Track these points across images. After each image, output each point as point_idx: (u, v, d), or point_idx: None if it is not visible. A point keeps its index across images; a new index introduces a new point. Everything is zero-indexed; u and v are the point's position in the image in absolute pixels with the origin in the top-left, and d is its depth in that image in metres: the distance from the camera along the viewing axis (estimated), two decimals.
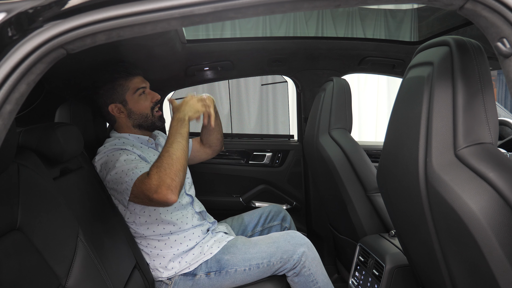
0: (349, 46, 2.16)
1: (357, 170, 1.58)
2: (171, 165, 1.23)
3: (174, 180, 1.22)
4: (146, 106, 1.54)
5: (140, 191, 1.27)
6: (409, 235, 1.01)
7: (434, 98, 0.76)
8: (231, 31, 2.37)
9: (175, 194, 1.22)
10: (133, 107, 1.53)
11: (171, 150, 1.26)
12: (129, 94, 1.52)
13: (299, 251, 1.45)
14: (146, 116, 1.54)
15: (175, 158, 1.25)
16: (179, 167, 1.24)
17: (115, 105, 1.53)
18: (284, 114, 4.08)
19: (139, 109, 1.53)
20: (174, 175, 1.22)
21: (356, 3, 0.64)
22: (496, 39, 0.62)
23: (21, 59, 0.61)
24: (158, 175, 1.22)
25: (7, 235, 0.86)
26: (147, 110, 1.54)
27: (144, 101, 1.53)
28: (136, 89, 1.52)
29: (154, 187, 1.22)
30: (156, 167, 1.24)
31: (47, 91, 1.71)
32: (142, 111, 1.53)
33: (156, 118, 1.56)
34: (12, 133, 0.85)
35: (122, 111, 1.53)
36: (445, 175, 0.73)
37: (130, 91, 1.51)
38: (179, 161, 1.25)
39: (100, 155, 1.44)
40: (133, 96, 1.52)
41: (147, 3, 0.61)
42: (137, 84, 1.53)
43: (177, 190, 1.23)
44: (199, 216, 1.60)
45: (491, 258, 0.67)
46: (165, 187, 1.21)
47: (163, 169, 1.23)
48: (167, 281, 1.49)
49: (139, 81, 1.54)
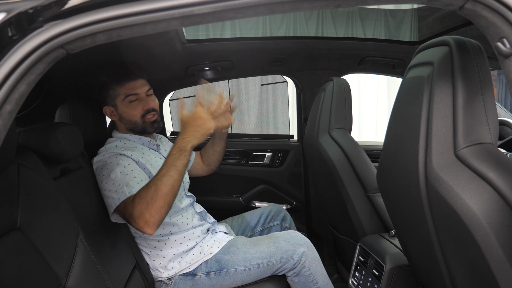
0: (349, 46, 2.16)
1: (357, 170, 1.58)
2: (154, 200, 1.17)
3: (152, 216, 1.17)
4: (135, 114, 1.49)
5: (123, 213, 1.28)
6: (409, 235, 1.01)
7: (434, 98, 0.76)
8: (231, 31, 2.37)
9: (151, 229, 1.18)
10: (122, 113, 1.50)
11: (159, 184, 1.18)
12: (119, 100, 1.49)
13: (299, 251, 1.45)
14: (135, 123, 1.50)
15: (160, 194, 1.17)
16: (161, 203, 1.17)
17: (108, 108, 1.52)
18: (284, 114, 4.08)
19: (127, 116, 1.50)
20: (154, 212, 1.17)
21: (356, 3, 0.64)
22: (496, 39, 0.62)
23: (21, 59, 0.61)
24: (139, 207, 1.18)
25: (7, 235, 0.86)
26: (135, 118, 1.49)
27: (133, 109, 1.48)
28: (126, 95, 1.47)
29: (134, 216, 1.19)
30: (139, 197, 1.19)
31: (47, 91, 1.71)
32: (130, 118, 1.49)
33: (147, 124, 1.50)
34: (12, 133, 0.85)
35: (114, 115, 1.52)
36: (445, 175, 0.73)
37: (121, 97, 1.48)
38: (163, 197, 1.17)
39: (99, 157, 1.43)
40: (122, 102, 1.49)
41: (147, 3, 0.61)
42: (128, 90, 1.48)
43: (154, 225, 1.18)
44: (199, 216, 1.60)
45: (491, 258, 0.67)
46: (143, 221, 1.17)
47: (146, 202, 1.18)
48: (167, 281, 1.49)
49: (132, 87, 1.48)
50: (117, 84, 1.48)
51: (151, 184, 1.20)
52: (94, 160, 1.45)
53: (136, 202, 1.19)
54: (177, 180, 1.20)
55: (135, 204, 1.19)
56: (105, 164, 1.39)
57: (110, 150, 1.43)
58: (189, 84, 2.35)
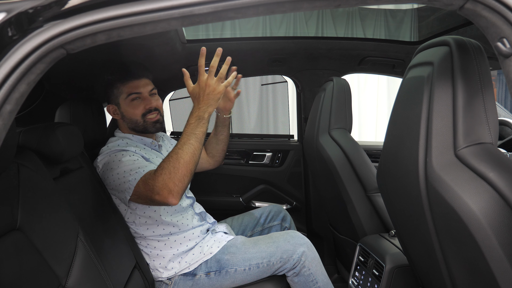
0: (349, 46, 2.16)
1: (357, 170, 1.58)
2: (177, 169, 1.18)
3: (177, 185, 1.18)
4: (136, 113, 1.49)
5: (143, 191, 1.26)
6: (409, 235, 1.01)
7: (434, 98, 0.76)
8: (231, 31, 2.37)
9: (176, 198, 1.19)
10: (124, 111, 1.51)
11: (180, 153, 1.20)
12: (122, 98, 1.50)
13: (299, 250, 1.45)
14: (136, 122, 1.50)
15: (182, 162, 1.19)
16: (184, 172, 1.19)
17: (112, 106, 1.53)
18: (284, 114, 4.08)
19: (129, 114, 1.50)
20: (178, 181, 1.18)
21: (356, 3, 0.64)
22: (496, 39, 0.62)
23: (21, 59, 0.61)
24: (162, 178, 1.19)
25: (7, 235, 0.86)
26: (136, 117, 1.49)
27: (135, 108, 1.49)
28: (129, 93, 1.48)
29: (156, 189, 1.20)
30: (162, 169, 1.20)
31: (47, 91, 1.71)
32: (131, 117, 1.50)
33: (148, 123, 1.50)
34: (12, 133, 0.85)
35: (117, 113, 1.53)
36: (445, 175, 0.73)
37: (124, 95, 1.49)
38: (186, 165, 1.19)
39: (102, 155, 1.44)
40: (125, 101, 1.49)
41: (147, 3, 0.61)
42: (132, 89, 1.49)
43: (179, 194, 1.20)
44: (199, 217, 1.60)
45: (491, 258, 0.67)
46: (167, 191, 1.18)
47: (168, 172, 1.19)
48: (167, 281, 1.49)
49: (135, 85, 1.49)
50: (121, 83, 1.49)
51: (172, 154, 1.21)
52: (98, 160, 1.45)
53: (158, 174, 1.20)
54: (198, 148, 1.22)
55: (156, 176, 1.20)
56: (110, 160, 1.40)
57: (113, 148, 1.43)
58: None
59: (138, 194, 1.29)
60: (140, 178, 1.28)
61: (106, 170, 1.40)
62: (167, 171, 1.19)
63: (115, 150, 1.42)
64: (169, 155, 1.22)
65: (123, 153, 1.39)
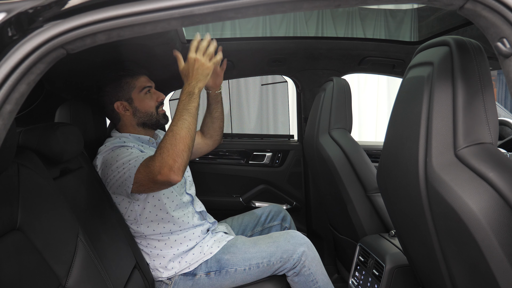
0: (349, 46, 2.16)
1: (357, 170, 1.58)
2: (174, 145, 1.20)
3: (176, 161, 1.19)
4: (151, 105, 1.55)
5: (144, 176, 1.27)
6: (409, 235, 1.01)
7: (434, 98, 0.76)
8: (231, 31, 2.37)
9: (177, 174, 1.20)
10: (139, 105, 1.54)
11: (175, 129, 1.22)
12: (135, 92, 1.53)
13: (299, 250, 1.45)
14: (151, 115, 1.55)
15: (179, 138, 1.20)
16: (182, 147, 1.20)
17: (121, 103, 1.53)
18: (284, 114, 4.08)
19: (144, 108, 1.54)
20: (177, 156, 1.19)
21: (356, 3, 0.64)
22: (496, 39, 0.62)
23: (21, 59, 0.61)
24: (161, 156, 1.21)
25: (7, 235, 0.86)
26: (152, 109, 1.55)
27: (150, 100, 1.55)
28: (142, 87, 1.53)
29: (157, 168, 1.21)
30: (160, 148, 1.22)
31: (47, 91, 1.71)
32: (147, 110, 1.54)
33: (160, 116, 1.57)
34: (12, 133, 0.85)
35: (128, 109, 1.54)
36: (445, 175, 0.73)
37: (137, 90, 1.53)
38: (182, 140, 1.21)
39: (101, 154, 1.45)
40: (139, 95, 1.53)
41: (147, 3, 0.61)
42: (143, 83, 1.54)
43: (180, 170, 1.20)
44: (199, 215, 1.60)
45: (491, 258, 0.67)
46: (168, 168, 1.19)
47: (166, 149, 1.20)
48: (167, 281, 1.49)
49: (145, 80, 1.56)
50: (131, 78, 1.53)
51: (167, 133, 1.23)
52: (96, 161, 1.46)
53: (157, 154, 1.22)
54: (192, 123, 1.24)
55: (155, 157, 1.22)
56: (108, 156, 1.42)
57: (110, 146, 1.45)
58: None
59: (140, 181, 1.30)
60: (139, 165, 1.29)
61: (105, 168, 1.41)
62: (165, 149, 1.21)
63: (112, 147, 1.44)
64: (165, 134, 1.24)
65: (120, 149, 1.41)
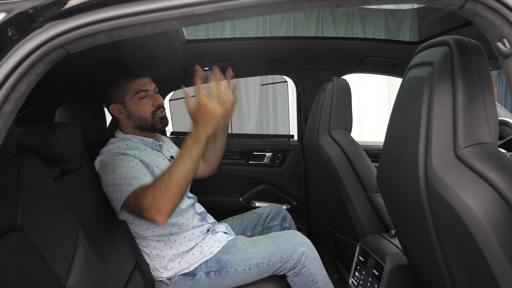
0: (349, 46, 2.16)
1: (357, 170, 1.58)
2: (168, 188, 1.18)
3: (166, 205, 1.18)
4: (146, 110, 1.51)
5: (133, 205, 1.28)
6: (409, 235, 1.01)
7: (434, 98, 0.76)
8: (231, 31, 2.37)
9: (164, 218, 1.19)
10: (132, 110, 1.51)
11: (173, 173, 1.19)
12: (129, 96, 1.50)
13: (299, 250, 1.45)
14: (145, 119, 1.51)
15: (174, 182, 1.18)
16: (175, 192, 1.19)
17: (116, 106, 1.52)
18: (284, 114, 4.08)
19: (137, 112, 1.51)
20: (168, 200, 1.18)
21: (356, 3, 0.64)
22: (496, 39, 0.62)
23: (21, 59, 0.61)
24: (153, 195, 1.19)
25: (7, 235, 0.86)
26: (146, 114, 1.51)
27: (144, 105, 1.50)
28: (136, 91, 1.49)
29: (145, 206, 1.20)
30: (153, 187, 1.21)
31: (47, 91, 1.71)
32: (140, 114, 1.51)
33: (156, 120, 1.52)
34: (12, 133, 0.85)
35: (122, 112, 1.52)
36: (445, 175, 0.73)
37: (130, 93, 1.49)
38: (178, 185, 1.18)
39: (102, 156, 1.43)
40: (132, 99, 1.50)
41: (147, 3, 0.61)
42: (139, 86, 1.49)
43: (167, 214, 1.19)
44: (199, 217, 1.60)
45: (491, 258, 0.67)
46: (156, 209, 1.18)
47: (159, 190, 1.19)
48: (167, 281, 1.49)
49: (142, 83, 1.50)
50: (126, 81, 1.49)
51: (165, 174, 1.21)
52: (96, 161, 1.45)
53: (149, 191, 1.20)
54: (191, 169, 1.21)
55: (147, 193, 1.20)
56: (108, 162, 1.40)
57: (112, 150, 1.43)
58: (189, 84, 2.34)
59: (128, 206, 1.30)
60: (132, 191, 1.28)
61: (103, 172, 1.40)
62: (158, 189, 1.19)
63: (114, 153, 1.41)
64: (162, 174, 1.22)
65: (121, 158, 1.38)
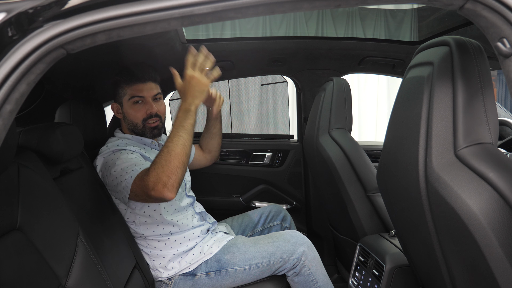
0: (349, 46, 2.16)
1: (357, 170, 1.58)
2: (168, 162, 1.19)
3: (170, 178, 1.18)
4: (137, 116, 1.50)
5: (139, 189, 1.26)
6: (409, 235, 1.01)
7: (434, 98, 0.76)
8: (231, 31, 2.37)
9: (171, 191, 1.19)
10: (126, 113, 1.52)
11: (170, 146, 1.21)
12: (125, 99, 1.51)
13: (299, 250, 1.45)
14: (136, 125, 1.51)
15: (173, 155, 1.20)
16: (176, 164, 1.20)
17: (116, 105, 1.55)
18: (284, 114, 4.08)
19: (129, 116, 1.51)
20: (171, 173, 1.19)
21: (356, 3, 0.64)
22: (496, 39, 0.62)
23: (21, 59, 0.61)
24: (156, 172, 1.19)
25: (7, 235, 0.86)
26: (137, 120, 1.50)
27: (136, 111, 1.50)
28: (132, 96, 1.49)
29: (151, 184, 1.19)
30: (154, 164, 1.21)
31: (47, 91, 1.71)
32: (132, 119, 1.51)
33: (146, 128, 1.51)
34: (12, 133, 0.85)
35: (119, 113, 1.55)
36: (445, 175, 0.73)
37: (127, 96, 1.50)
38: (177, 157, 1.20)
39: (101, 155, 1.45)
40: (128, 102, 1.50)
41: (147, 3, 0.61)
42: (135, 91, 1.49)
43: (174, 187, 1.20)
44: (199, 216, 1.60)
45: (491, 258, 0.67)
46: (161, 184, 1.18)
47: (160, 166, 1.19)
48: (167, 281, 1.49)
49: (139, 88, 1.49)
50: (126, 84, 1.50)
51: (163, 149, 1.22)
52: (97, 161, 1.46)
53: (151, 169, 1.21)
54: (188, 140, 1.23)
55: (150, 172, 1.21)
56: (108, 158, 1.42)
57: (112, 148, 1.44)
58: None
59: (135, 192, 1.29)
60: (136, 175, 1.28)
61: (105, 170, 1.41)
62: (159, 165, 1.20)
63: (113, 150, 1.43)
64: (160, 150, 1.23)
65: (121, 152, 1.40)
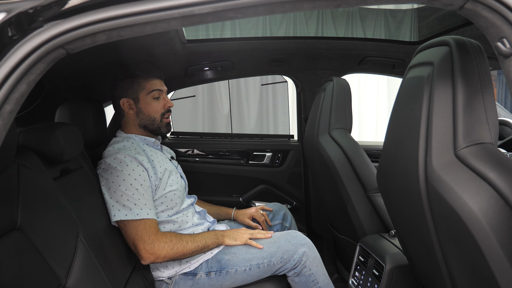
0: (349, 46, 2.16)
1: (357, 170, 1.58)
2: (179, 249, 1.37)
3: (165, 258, 1.36)
4: (157, 110, 1.54)
5: (128, 231, 1.35)
6: (409, 235, 1.01)
7: (434, 98, 0.76)
8: (231, 31, 2.37)
9: (149, 261, 1.36)
10: (143, 107, 1.53)
11: (190, 242, 1.40)
12: (143, 93, 1.52)
13: (300, 251, 1.45)
14: (154, 120, 1.54)
15: (187, 248, 1.39)
16: (180, 255, 1.38)
17: (127, 100, 1.53)
18: (284, 114, 4.08)
19: (148, 111, 1.53)
20: (170, 256, 1.37)
21: (356, 3, 0.64)
22: (496, 39, 0.62)
23: (21, 59, 0.61)
24: (164, 245, 1.35)
25: (7, 235, 0.86)
26: (156, 114, 1.54)
27: (156, 105, 1.54)
28: (151, 90, 1.52)
29: (148, 246, 1.33)
30: (170, 238, 1.37)
31: (47, 91, 1.71)
32: (151, 114, 1.53)
33: (163, 124, 1.56)
34: (12, 133, 0.85)
35: (132, 108, 1.54)
36: (445, 175, 0.73)
37: (145, 91, 1.52)
38: (185, 251, 1.39)
39: (110, 159, 1.40)
40: (146, 96, 1.52)
41: (147, 3, 0.61)
42: (154, 86, 1.53)
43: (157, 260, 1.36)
44: (199, 215, 1.60)
45: (491, 258, 0.67)
46: (155, 256, 1.35)
47: (172, 245, 1.36)
48: (167, 280, 1.49)
49: (158, 83, 1.54)
50: (144, 78, 1.52)
51: (188, 238, 1.41)
52: (101, 164, 1.43)
53: (164, 239, 1.36)
54: (200, 250, 1.43)
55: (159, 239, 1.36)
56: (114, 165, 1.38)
57: (122, 152, 1.41)
58: (189, 84, 2.35)
59: (124, 228, 1.37)
60: (130, 219, 1.34)
61: (106, 174, 1.39)
62: (172, 244, 1.37)
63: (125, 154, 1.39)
64: (184, 237, 1.41)
65: (132, 168, 1.37)
